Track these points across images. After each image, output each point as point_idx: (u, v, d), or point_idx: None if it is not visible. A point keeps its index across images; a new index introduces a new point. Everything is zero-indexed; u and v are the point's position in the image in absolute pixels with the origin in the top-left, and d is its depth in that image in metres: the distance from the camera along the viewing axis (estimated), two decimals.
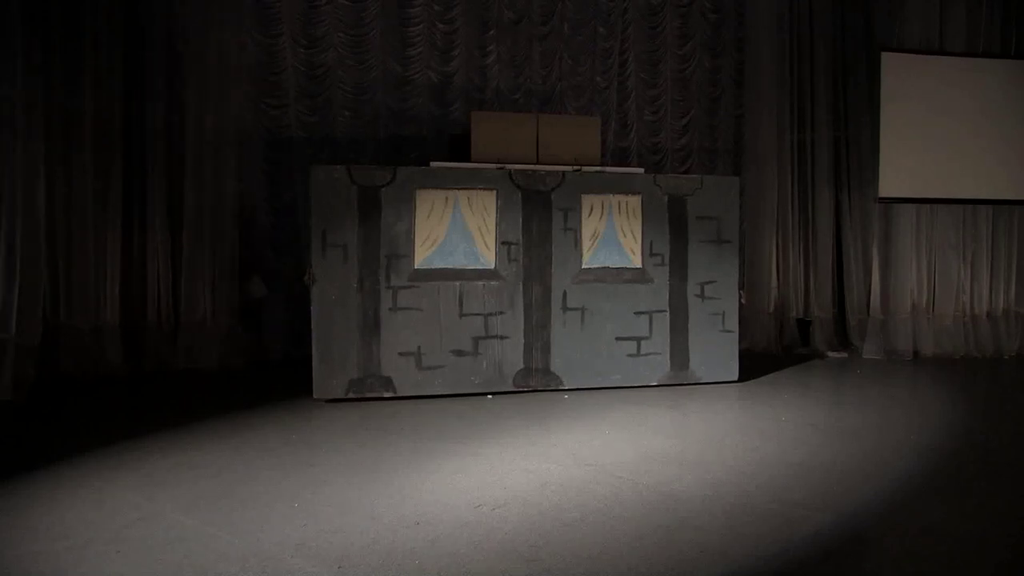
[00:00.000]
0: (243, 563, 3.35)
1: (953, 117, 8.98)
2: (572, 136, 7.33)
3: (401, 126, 8.49)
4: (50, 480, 4.41)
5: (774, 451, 5.08)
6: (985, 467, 4.89)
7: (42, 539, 3.59)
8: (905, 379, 7.75)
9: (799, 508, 4.03)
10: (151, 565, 3.33)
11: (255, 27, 8.08)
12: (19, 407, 6.30)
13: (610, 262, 6.97)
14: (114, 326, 7.48)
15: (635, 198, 7.03)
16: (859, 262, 9.33)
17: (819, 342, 9.23)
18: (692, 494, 4.24)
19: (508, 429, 5.61)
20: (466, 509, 3.99)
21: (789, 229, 9.35)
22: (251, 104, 8.09)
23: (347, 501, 4.09)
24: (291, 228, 8.27)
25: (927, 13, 9.01)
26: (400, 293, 6.52)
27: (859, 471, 4.66)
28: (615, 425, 5.74)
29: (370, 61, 8.39)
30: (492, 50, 8.75)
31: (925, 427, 5.76)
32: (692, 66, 9.43)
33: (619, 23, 9.17)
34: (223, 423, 5.70)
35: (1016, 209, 9.32)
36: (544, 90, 8.95)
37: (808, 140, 9.42)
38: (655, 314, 7.05)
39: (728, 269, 7.23)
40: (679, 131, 9.44)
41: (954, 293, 9.20)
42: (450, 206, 6.66)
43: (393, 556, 3.43)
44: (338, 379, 6.40)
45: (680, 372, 7.13)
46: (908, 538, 3.73)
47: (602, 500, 4.13)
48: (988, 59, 9.09)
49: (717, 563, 3.39)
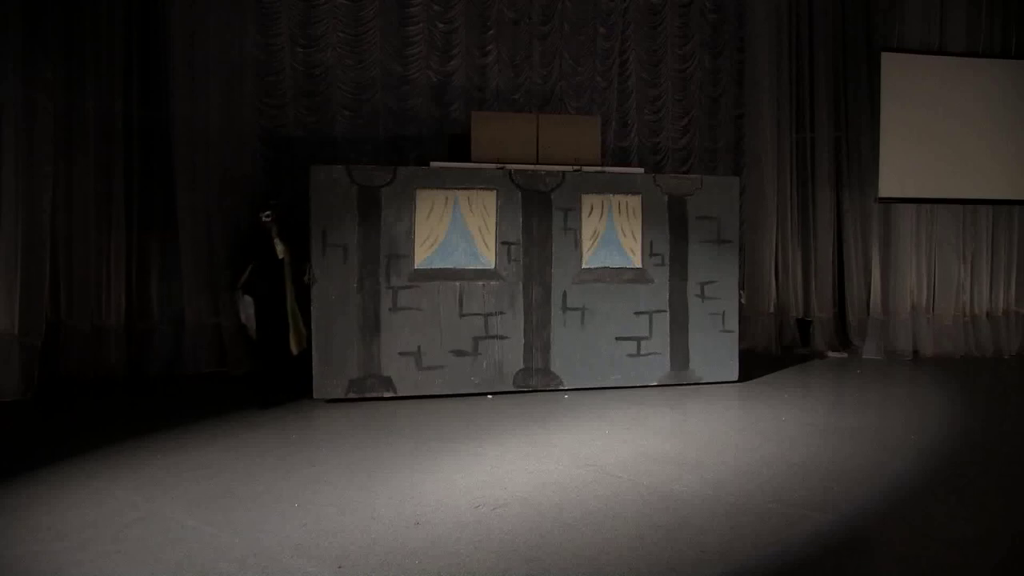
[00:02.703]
0: (243, 563, 3.36)
1: (953, 117, 8.98)
2: (572, 136, 7.33)
3: (401, 126, 8.48)
4: (51, 480, 4.41)
5: (774, 451, 5.08)
6: (985, 467, 4.89)
7: (42, 539, 3.59)
8: (905, 379, 7.75)
9: (799, 508, 4.03)
10: (151, 565, 3.34)
11: (254, 27, 8.07)
12: (25, 407, 6.33)
13: (610, 262, 6.98)
14: (116, 327, 7.48)
15: (635, 198, 7.03)
16: (859, 262, 9.34)
17: (819, 342, 9.24)
18: (692, 494, 4.24)
19: (508, 429, 5.62)
20: (466, 509, 3.99)
21: (789, 229, 9.35)
22: (250, 103, 8.07)
23: (347, 501, 4.10)
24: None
25: (927, 13, 9.02)
26: (400, 293, 6.52)
27: (859, 471, 4.66)
28: (615, 425, 5.74)
29: (369, 61, 8.38)
30: (492, 50, 8.74)
31: (925, 427, 5.76)
32: (692, 66, 9.42)
33: (619, 23, 9.17)
34: (223, 423, 5.70)
35: (1016, 209, 9.32)
36: (544, 90, 8.94)
37: (808, 140, 9.43)
38: (655, 314, 7.05)
39: (728, 269, 7.23)
40: (679, 131, 9.44)
41: (954, 293, 9.20)
42: (450, 206, 6.66)
43: (393, 556, 3.43)
44: (338, 379, 6.40)
45: (680, 372, 7.13)
46: (908, 538, 3.73)
47: (602, 500, 4.13)
48: (988, 59, 9.09)
49: (717, 563, 3.39)
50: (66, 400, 6.65)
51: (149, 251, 7.82)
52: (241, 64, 8.01)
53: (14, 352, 6.56)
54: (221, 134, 7.90)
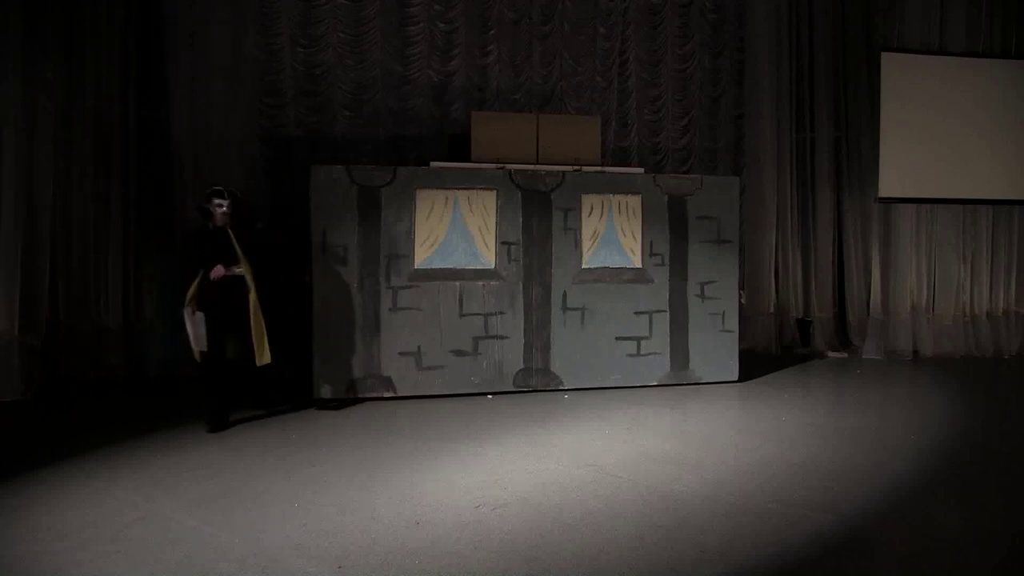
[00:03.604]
0: (243, 563, 3.35)
1: (953, 117, 8.98)
2: (572, 136, 7.33)
3: (401, 126, 8.48)
4: (51, 480, 4.41)
5: (774, 451, 5.08)
6: (985, 467, 4.89)
7: (42, 539, 3.59)
8: (905, 379, 7.75)
9: (799, 508, 4.03)
10: (151, 565, 3.34)
11: (254, 27, 8.07)
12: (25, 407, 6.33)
13: (610, 262, 6.98)
14: (116, 327, 7.47)
15: (635, 198, 7.03)
16: (859, 262, 9.34)
17: (819, 342, 9.23)
18: (692, 494, 4.24)
19: (508, 429, 5.61)
20: (466, 509, 3.99)
21: (789, 229, 9.35)
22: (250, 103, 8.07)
23: (347, 501, 4.09)
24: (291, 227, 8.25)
25: (927, 13, 9.02)
26: (400, 293, 6.52)
27: (859, 471, 4.66)
28: (615, 425, 5.74)
29: (370, 61, 8.38)
30: (492, 50, 8.74)
31: (925, 427, 5.76)
32: (692, 66, 9.42)
33: (619, 23, 9.17)
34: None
35: (1016, 209, 9.32)
36: (544, 90, 8.94)
37: (808, 140, 9.42)
38: (655, 314, 7.05)
39: (728, 269, 7.23)
40: (679, 131, 9.44)
41: (954, 293, 9.20)
42: (450, 206, 6.66)
43: (393, 556, 3.43)
44: (338, 379, 6.40)
45: (680, 372, 7.13)
46: (908, 538, 3.73)
47: (602, 500, 4.13)
48: (988, 59, 9.09)
49: (717, 563, 3.39)
50: (66, 400, 6.65)
51: (149, 251, 7.81)
52: (241, 64, 8.01)
53: (14, 352, 6.56)
54: (221, 134, 7.89)
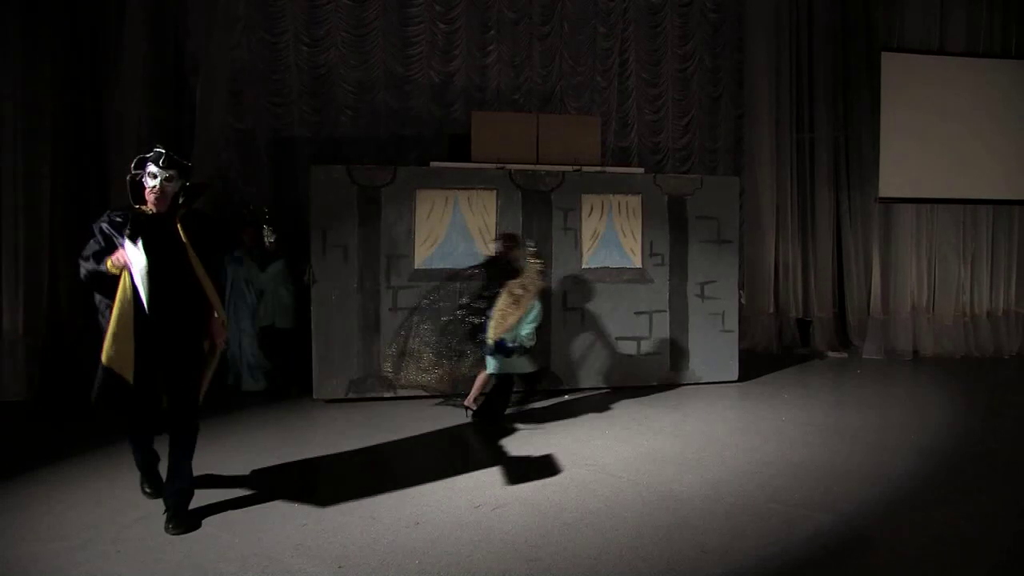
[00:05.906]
0: (243, 563, 3.36)
1: (953, 117, 8.97)
2: (572, 136, 7.33)
3: (402, 126, 8.49)
4: (51, 480, 4.42)
5: (774, 451, 5.08)
6: (985, 467, 4.88)
7: (42, 539, 3.60)
8: (905, 379, 7.75)
9: (799, 508, 4.03)
10: (151, 565, 3.34)
11: (258, 26, 8.07)
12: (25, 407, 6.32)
13: (610, 262, 6.97)
14: None
15: (635, 198, 7.03)
16: (859, 262, 9.33)
17: (819, 342, 9.23)
18: (692, 494, 4.24)
19: (507, 429, 5.62)
20: (466, 509, 3.99)
21: (789, 229, 9.34)
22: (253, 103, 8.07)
23: (347, 501, 4.10)
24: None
25: (927, 13, 9.01)
26: (400, 293, 6.52)
27: (859, 471, 4.66)
28: (615, 425, 5.74)
29: (371, 61, 8.39)
30: (492, 50, 8.74)
31: (925, 427, 5.76)
32: (692, 66, 9.42)
33: (619, 23, 9.17)
34: (223, 423, 5.70)
35: (1016, 209, 9.32)
36: (544, 90, 8.95)
37: (808, 140, 9.42)
38: (655, 314, 7.05)
39: (728, 269, 7.23)
40: (679, 131, 9.44)
41: (954, 293, 9.20)
42: (450, 206, 6.66)
43: (393, 556, 3.43)
44: (338, 379, 6.40)
45: (680, 372, 7.13)
46: (908, 538, 3.73)
47: (602, 500, 4.13)
48: (988, 59, 9.08)
49: (717, 563, 3.39)
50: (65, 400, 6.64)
51: None
52: (244, 63, 8.01)
53: (16, 353, 6.56)
54: (223, 134, 7.89)
